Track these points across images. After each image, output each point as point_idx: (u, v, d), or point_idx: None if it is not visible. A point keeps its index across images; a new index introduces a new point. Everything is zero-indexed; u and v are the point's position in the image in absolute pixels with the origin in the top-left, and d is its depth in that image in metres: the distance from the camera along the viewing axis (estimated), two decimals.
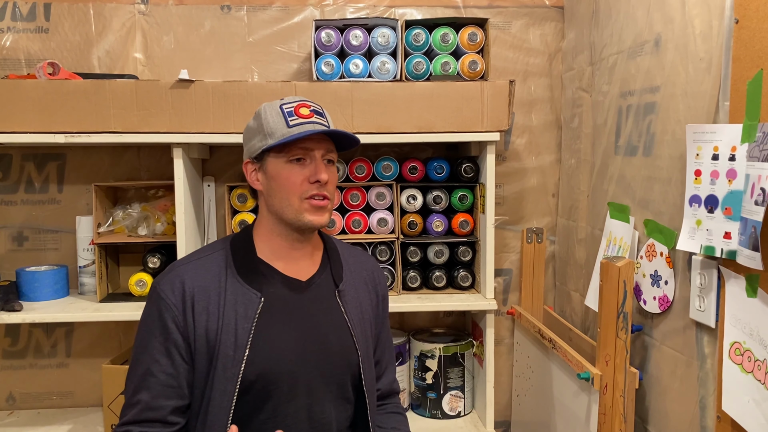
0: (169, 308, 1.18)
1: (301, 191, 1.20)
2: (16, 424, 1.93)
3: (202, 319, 1.18)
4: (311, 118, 1.21)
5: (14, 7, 1.95)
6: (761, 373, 1.04)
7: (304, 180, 1.20)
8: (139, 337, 1.21)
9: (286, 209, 1.21)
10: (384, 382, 1.41)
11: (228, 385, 1.16)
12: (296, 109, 1.21)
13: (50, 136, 1.68)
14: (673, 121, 1.33)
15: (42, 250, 2.02)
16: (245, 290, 1.21)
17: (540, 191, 2.12)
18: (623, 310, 1.39)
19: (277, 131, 1.20)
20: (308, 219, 1.21)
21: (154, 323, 1.18)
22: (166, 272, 1.23)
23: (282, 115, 1.21)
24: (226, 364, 1.17)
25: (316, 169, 1.20)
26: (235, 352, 1.17)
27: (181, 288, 1.19)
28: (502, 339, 2.14)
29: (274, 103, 1.24)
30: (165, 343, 1.17)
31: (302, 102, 1.24)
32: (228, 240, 1.29)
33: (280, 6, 2.02)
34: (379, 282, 1.40)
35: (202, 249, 1.30)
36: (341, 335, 1.26)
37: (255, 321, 1.19)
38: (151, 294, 1.22)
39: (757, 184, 1.00)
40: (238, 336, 1.18)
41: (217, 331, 1.17)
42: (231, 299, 1.20)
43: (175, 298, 1.18)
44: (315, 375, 1.23)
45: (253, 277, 1.22)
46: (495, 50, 2.04)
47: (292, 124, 1.19)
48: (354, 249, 1.43)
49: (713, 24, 1.19)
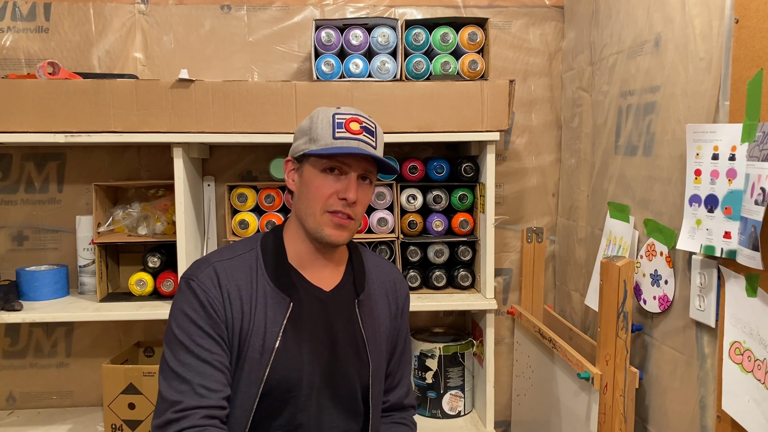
0: (212, 299, 1.16)
1: (327, 204, 1.19)
2: (16, 424, 1.93)
3: (237, 318, 1.17)
4: (359, 135, 1.19)
5: (14, 6, 1.95)
6: (761, 372, 1.04)
7: (333, 193, 1.19)
8: (177, 329, 1.15)
9: (309, 218, 1.20)
10: (396, 395, 1.38)
11: (252, 388, 1.16)
12: (347, 122, 1.19)
13: (50, 136, 1.68)
14: (673, 121, 1.33)
15: (42, 250, 2.02)
16: (275, 294, 1.20)
17: (540, 191, 2.12)
18: (623, 310, 1.39)
19: (322, 139, 1.18)
20: (327, 233, 1.19)
21: (197, 313, 1.15)
22: (199, 266, 1.21)
23: (332, 124, 1.19)
24: (252, 367, 1.16)
25: (347, 187, 1.18)
26: (262, 356, 1.16)
27: (218, 283, 1.17)
28: (502, 339, 2.14)
29: (329, 110, 1.22)
30: (212, 331, 1.14)
31: (356, 117, 1.21)
32: (258, 240, 1.27)
33: (280, 6, 2.02)
34: (399, 294, 1.38)
35: (231, 247, 1.27)
36: (357, 347, 1.26)
37: (283, 326, 1.18)
38: (187, 286, 1.18)
39: (757, 183, 1.00)
40: (266, 340, 1.17)
41: (248, 332, 1.16)
42: (261, 302, 1.19)
43: (216, 290, 1.17)
44: (329, 386, 1.23)
45: (284, 281, 1.21)
46: (495, 50, 2.04)
47: (338, 137, 1.18)
48: (379, 259, 1.42)
49: (713, 24, 1.19)
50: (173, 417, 1.09)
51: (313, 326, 1.22)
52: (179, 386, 1.12)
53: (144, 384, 1.78)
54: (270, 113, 1.71)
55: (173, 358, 1.14)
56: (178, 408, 1.10)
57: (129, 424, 1.80)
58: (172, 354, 1.15)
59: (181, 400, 1.10)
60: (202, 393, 1.11)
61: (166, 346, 1.17)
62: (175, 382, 1.12)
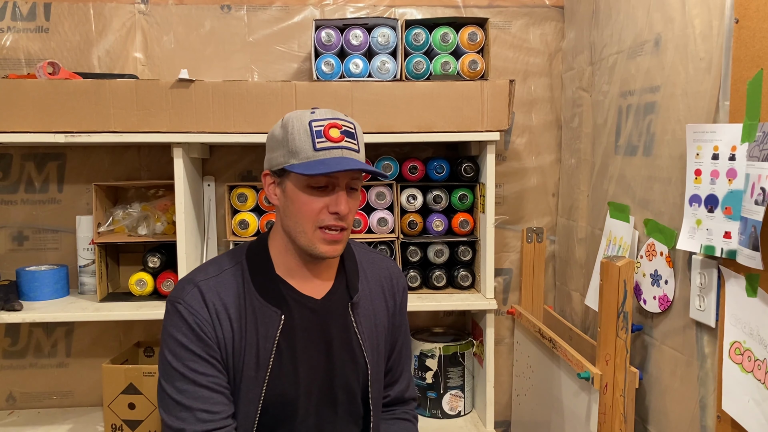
0: (200, 321, 1.12)
1: (318, 220, 1.13)
2: (16, 424, 1.94)
3: (229, 337, 1.14)
4: (341, 142, 1.11)
5: (14, 6, 1.95)
6: (761, 372, 1.04)
7: (323, 208, 1.13)
8: (169, 356, 1.13)
9: (300, 236, 1.15)
10: (396, 389, 1.37)
11: (250, 407, 1.15)
12: (326, 129, 1.11)
13: (50, 136, 1.68)
14: (673, 121, 1.33)
15: (42, 250, 2.02)
16: (265, 308, 1.16)
17: (540, 191, 2.12)
18: (623, 310, 1.39)
19: (302, 152, 1.11)
20: (321, 250, 1.15)
21: (187, 337, 1.12)
22: (183, 287, 1.17)
23: (310, 134, 1.11)
24: (249, 386, 1.14)
25: (336, 200, 1.12)
26: (257, 373, 1.14)
27: (205, 303, 1.14)
28: (502, 338, 2.14)
29: (303, 117, 1.13)
30: (204, 353, 1.12)
31: (333, 122, 1.13)
32: (243, 253, 1.22)
33: (280, 6, 2.02)
34: (397, 289, 1.34)
35: (216, 262, 1.22)
36: (353, 352, 1.24)
37: (276, 340, 1.15)
38: (174, 310, 1.15)
39: (757, 183, 1.00)
40: (260, 356, 1.15)
41: (241, 350, 1.14)
42: (252, 318, 1.15)
43: (204, 311, 1.13)
44: (328, 396, 1.21)
45: (273, 294, 1.18)
46: (495, 50, 2.04)
47: (319, 148, 1.10)
48: (373, 254, 1.37)
49: (713, 24, 1.19)
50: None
51: (306, 338, 1.19)
52: (180, 414, 1.10)
53: (144, 384, 1.78)
54: (270, 113, 1.71)
55: (170, 386, 1.12)
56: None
57: (129, 424, 1.80)
58: (168, 383, 1.12)
59: (183, 427, 1.09)
60: (204, 418, 1.10)
61: (161, 375, 1.15)
62: (176, 410, 1.11)
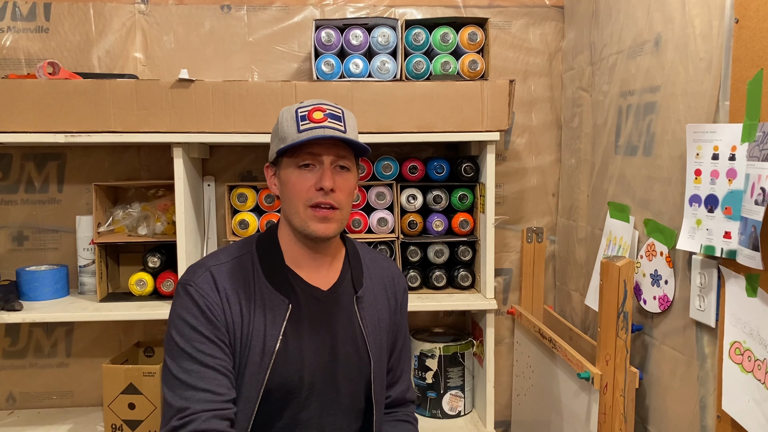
0: (210, 304, 1.15)
1: (306, 198, 1.17)
2: (16, 424, 1.93)
3: (237, 321, 1.16)
4: (323, 122, 1.16)
5: (14, 6, 1.95)
6: (761, 372, 1.04)
7: (310, 187, 1.17)
8: (177, 336, 1.14)
9: (294, 217, 1.19)
10: (397, 390, 1.38)
11: (252, 392, 1.16)
12: (310, 113, 1.17)
13: (50, 136, 1.68)
14: (673, 121, 1.33)
15: (42, 250, 2.02)
16: (274, 296, 1.19)
17: (540, 191, 2.12)
18: (623, 310, 1.39)
19: (289, 136, 1.17)
20: (313, 228, 1.17)
21: (197, 318, 1.14)
22: (194, 271, 1.19)
23: (296, 118, 1.18)
24: (252, 371, 1.16)
25: (321, 176, 1.16)
26: (262, 359, 1.16)
27: (216, 287, 1.16)
28: (502, 338, 2.14)
29: (293, 106, 1.21)
30: (213, 336, 1.13)
31: (318, 105, 1.19)
32: (253, 242, 1.26)
33: (280, 6, 2.02)
34: (398, 289, 1.38)
35: (227, 250, 1.26)
36: (357, 345, 1.25)
37: (283, 328, 1.17)
38: (184, 292, 1.17)
39: (757, 183, 1.00)
40: (266, 342, 1.16)
41: (248, 335, 1.16)
42: (260, 304, 1.18)
43: (214, 294, 1.16)
44: (330, 386, 1.22)
45: (281, 283, 1.21)
46: (495, 50, 2.04)
47: (303, 129, 1.16)
48: (376, 254, 1.41)
49: (713, 24, 1.19)
50: (179, 423, 1.08)
51: (312, 327, 1.22)
52: (184, 393, 1.11)
53: (144, 384, 1.78)
54: (270, 113, 1.71)
55: (176, 366, 1.13)
56: (184, 414, 1.09)
57: (129, 424, 1.80)
58: (175, 362, 1.13)
59: (187, 406, 1.09)
60: (207, 398, 1.11)
61: (167, 355, 1.15)
62: (180, 389, 1.11)
